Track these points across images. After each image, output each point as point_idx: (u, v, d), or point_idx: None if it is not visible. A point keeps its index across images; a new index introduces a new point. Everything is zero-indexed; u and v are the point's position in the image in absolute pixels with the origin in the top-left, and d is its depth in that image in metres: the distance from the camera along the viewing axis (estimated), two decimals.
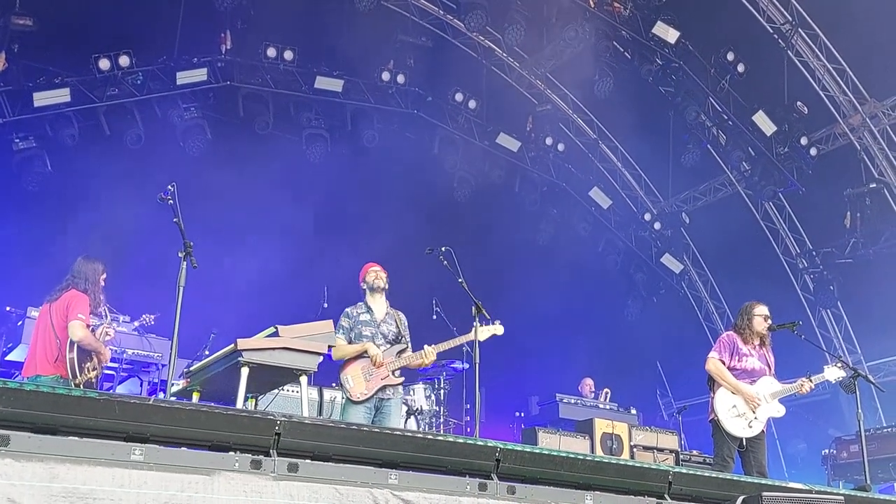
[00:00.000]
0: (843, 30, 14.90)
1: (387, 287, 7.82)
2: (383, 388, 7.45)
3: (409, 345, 7.76)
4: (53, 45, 12.25)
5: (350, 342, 7.53)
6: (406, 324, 7.87)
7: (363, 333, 7.57)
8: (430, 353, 7.58)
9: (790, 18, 15.12)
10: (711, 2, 15.09)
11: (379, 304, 7.77)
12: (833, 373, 7.94)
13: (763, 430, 7.73)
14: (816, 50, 15.41)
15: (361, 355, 7.49)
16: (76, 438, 3.75)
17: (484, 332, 7.59)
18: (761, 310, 7.94)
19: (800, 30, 15.21)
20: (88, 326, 7.44)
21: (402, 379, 7.67)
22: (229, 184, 12.55)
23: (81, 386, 7.18)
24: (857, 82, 15.45)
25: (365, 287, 7.82)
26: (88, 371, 7.37)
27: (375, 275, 7.78)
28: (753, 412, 7.60)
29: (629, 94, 15.91)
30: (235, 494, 3.98)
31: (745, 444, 7.64)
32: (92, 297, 7.58)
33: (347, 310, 7.76)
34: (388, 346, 7.60)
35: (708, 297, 18.76)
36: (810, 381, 7.76)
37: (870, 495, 6.70)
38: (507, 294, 13.91)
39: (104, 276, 7.79)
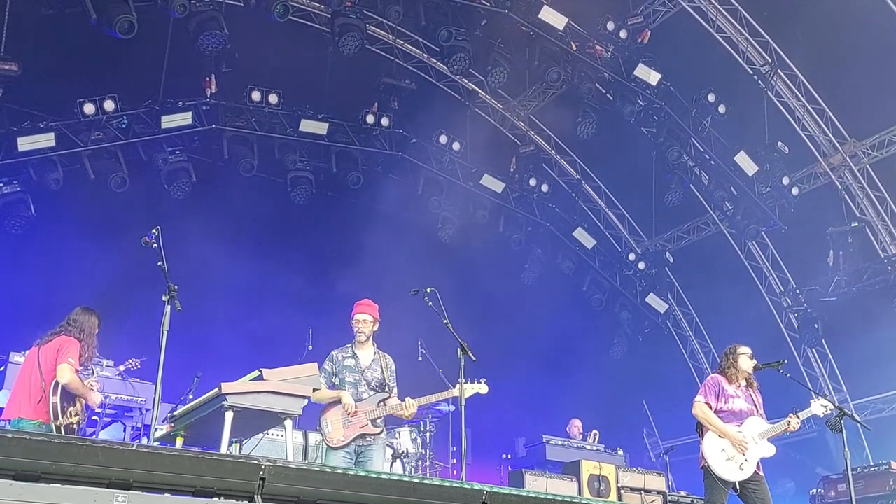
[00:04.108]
0: (821, 71, 15.16)
1: (374, 331, 7.70)
2: (362, 435, 7.32)
3: (395, 392, 7.63)
4: (38, 89, 12.24)
5: (333, 386, 7.44)
6: (393, 369, 7.74)
7: (346, 379, 7.45)
8: (411, 406, 7.42)
9: (769, 60, 15.35)
10: (692, 44, 15.29)
11: (366, 349, 7.68)
12: (819, 405, 7.91)
13: (758, 472, 7.64)
14: (796, 91, 15.64)
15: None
16: (58, 486, 3.70)
17: (468, 391, 7.47)
18: (745, 349, 7.95)
19: (779, 71, 15.44)
20: (77, 372, 7.39)
21: (380, 429, 7.45)
22: (214, 226, 12.54)
23: (61, 429, 7.11)
24: (836, 122, 15.66)
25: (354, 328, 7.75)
26: (71, 416, 7.28)
27: (359, 325, 7.64)
28: (743, 454, 7.55)
29: (612, 134, 16.08)
30: None
31: (738, 487, 7.53)
32: (84, 348, 7.52)
33: (333, 353, 7.67)
34: (372, 392, 7.48)
35: (693, 335, 18.78)
36: (797, 416, 7.71)
37: None
38: (492, 335, 13.88)
39: (97, 330, 7.76)
